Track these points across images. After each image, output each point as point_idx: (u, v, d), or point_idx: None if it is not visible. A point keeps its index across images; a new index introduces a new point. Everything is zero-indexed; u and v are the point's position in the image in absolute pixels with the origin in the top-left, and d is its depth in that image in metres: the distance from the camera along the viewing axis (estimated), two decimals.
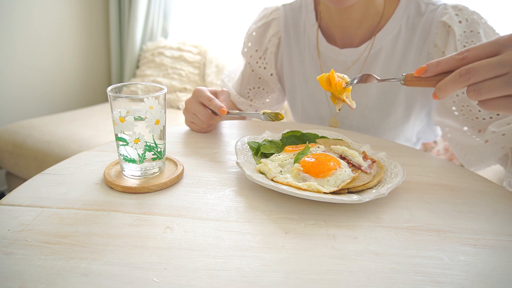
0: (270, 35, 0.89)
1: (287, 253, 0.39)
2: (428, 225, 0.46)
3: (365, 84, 0.81)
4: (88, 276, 0.34)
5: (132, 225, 0.42)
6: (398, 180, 0.51)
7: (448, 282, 0.36)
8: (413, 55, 0.76)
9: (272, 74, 0.93)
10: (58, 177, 0.52)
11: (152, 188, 0.50)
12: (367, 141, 0.75)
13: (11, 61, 1.91)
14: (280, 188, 0.47)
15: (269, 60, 0.91)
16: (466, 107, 0.69)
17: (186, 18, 2.33)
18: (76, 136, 1.61)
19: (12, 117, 1.95)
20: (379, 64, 0.79)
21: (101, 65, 2.47)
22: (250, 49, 0.93)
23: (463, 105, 0.70)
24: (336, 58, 0.82)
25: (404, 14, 0.76)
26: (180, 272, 0.35)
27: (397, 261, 0.39)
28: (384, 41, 0.77)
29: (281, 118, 0.64)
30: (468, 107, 0.69)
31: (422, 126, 0.88)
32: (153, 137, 0.51)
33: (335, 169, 0.51)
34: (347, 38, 0.81)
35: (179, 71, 2.12)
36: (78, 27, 2.24)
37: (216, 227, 0.43)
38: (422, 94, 0.79)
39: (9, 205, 0.44)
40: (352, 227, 0.44)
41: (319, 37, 0.83)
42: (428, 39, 0.74)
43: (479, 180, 0.60)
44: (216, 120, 0.71)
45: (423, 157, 0.69)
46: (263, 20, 0.90)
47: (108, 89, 0.49)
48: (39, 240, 0.38)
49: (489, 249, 0.42)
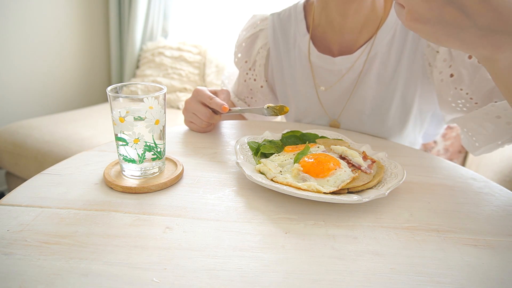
0: (258, 47, 0.87)
1: (287, 253, 0.39)
2: (428, 225, 0.46)
3: (362, 90, 0.79)
4: (87, 276, 0.34)
5: (131, 225, 0.42)
6: (398, 180, 0.51)
7: (448, 282, 0.36)
8: (408, 57, 0.74)
9: (262, 86, 0.91)
10: (58, 177, 0.52)
11: (152, 188, 0.50)
12: (367, 141, 0.75)
13: (11, 61, 1.91)
14: (280, 188, 0.47)
15: (258, 72, 0.90)
16: (463, 102, 0.68)
17: (186, 18, 2.33)
18: (76, 136, 1.61)
19: (12, 117, 1.95)
20: (374, 69, 0.77)
21: (101, 65, 2.47)
22: (240, 60, 0.91)
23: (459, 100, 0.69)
24: (329, 67, 0.80)
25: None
26: (180, 272, 0.35)
27: (397, 261, 0.39)
28: (380, 45, 0.76)
29: (286, 111, 0.63)
30: (463, 101, 0.68)
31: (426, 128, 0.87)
32: (153, 137, 0.51)
33: (335, 169, 0.51)
34: (345, 45, 0.78)
35: (179, 71, 2.12)
36: (78, 27, 2.24)
37: (216, 227, 0.43)
38: (419, 99, 0.78)
39: (9, 205, 0.44)
40: (352, 227, 0.44)
41: (310, 47, 0.81)
42: (421, 40, 0.73)
43: (479, 180, 0.60)
44: (216, 119, 0.71)
45: (423, 157, 0.69)
46: (251, 31, 0.88)
47: (108, 89, 0.49)
48: (39, 240, 0.38)
49: (489, 249, 0.42)
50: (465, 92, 0.66)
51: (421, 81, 0.76)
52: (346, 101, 0.82)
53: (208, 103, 0.69)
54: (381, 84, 0.78)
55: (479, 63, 0.63)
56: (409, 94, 0.77)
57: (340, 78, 0.80)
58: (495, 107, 0.60)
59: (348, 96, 0.81)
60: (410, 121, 0.81)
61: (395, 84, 0.77)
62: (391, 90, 0.78)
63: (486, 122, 0.63)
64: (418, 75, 0.75)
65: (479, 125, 0.65)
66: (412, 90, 0.77)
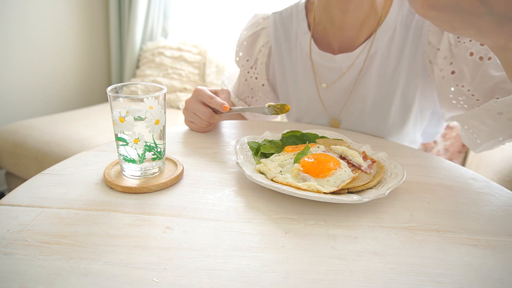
0: (260, 45, 0.88)
1: (287, 253, 0.39)
2: (428, 225, 0.46)
3: (363, 88, 0.80)
4: (87, 276, 0.34)
5: (132, 225, 0.42)
6: (398, 180, 0.51)
7: (448, 282, 0.36)
8: (408, 55, 0.75)
9: (263, 85, 0.91)
10: (58, 177, 0.52)
11: (152, 188, 0.50)
12: (367, 141, 0.75)
13: (10, 61, 1.91)
14: (280, 188, 0.47)
15: (259, 71, 0.90)
16: (464, 99, 0.68)
17: (186, 18, 2.33)
18: (76, 136, 1.61)
19: (12, 117, 1.95)
20: (374, 67, 0.77)
21: (101, 65, 2.47)
22: (241, 58, 0.91)
23: (460, 98, 0.69)
24: (330, 65, 0.80)
25: (398, 13, 0.75)
26: (180, 272, 0.35)
27: (397, 261, 0.39)
28: (380, 42, 0.76)
29: (287, 110, 0.63)
30: (465, 98, 0.68)
31: (426, 126, 0.87)
32: (153, 137, 0.51)
33: (335, 169, 0.51)
34: (346, 41, 0.78)
35: (179, 71, 2.12)
36: (78, 27, 2.24)
37: (216, 227, 0.43)
38: (420, 97, 0.78)
39: (9, 205, 0.44)
40: (352, 227, 0.44)
41: (312, 45, 0.81)
42: (421, 37, 0.73)
43: (479, 180, 0.60)
44: (216, 119, 0.71)
45: (423, 157, 0.69)
46: (253, 29, 0.89)
47: (108, 89, 0.49)
48: (39, 240, 0.38)
49: (489, 249, 0.42)
50: (467, 89, 0.66)
51: (421, 79, 0.76)
52: (346, 99, 0.82)
53: (209, 103, 0.69)
54: (381, 82, 0.78)
55: (480, 60, 0.63)
56: (410, 92, 0.78)
57: (341, 76, 0.80)
58: (497, 103, 0.60)
59: (349, 94, 0.81)
60: (411, 119, 0.81)
61: (396, 82, 0.77)
62: (391, 88, 0.78)
63: (487, 118, 0.63)
64: (418, 72, 0.75)
65: (480, 122, 0.65)
66: (413, 88, 0.77)
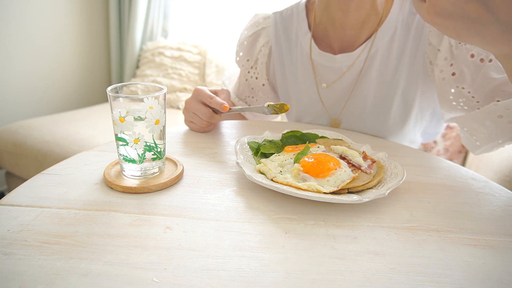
0: (260, 45, 0.88)
1: (287, 253, 0.39)
2: (428, 225, 0.46)
3: (363, 88, 0.80)
4: (87, 276, 0.34)
5: (132, 225, 0.42)
6: (398, 180, 0.51)
7: (448, 282, 0.36)
8: (408, 55, 0.75)
9: (264, 85, 0.91)
10: (58, 177, 0.52)
11: (152, 188, 0.50)
12: (367, 141, 0.75)
13: (10, 61, 1.91)
14: (280, 188, 0.47)
15: (260, 70, 0.90)
16: (464, 100, 0.68)
17: (186, 18, 2.33)
18: (76, 136, 1.61)
19: (12, 117, 1.95)
20: (375, 68, 0.77)
21: (101, 65, 2.47)
22: (242, 58, 0.91)
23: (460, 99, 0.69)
24: (330, 65, 0.80)
25: (399, 14, 0.75)
26: (180, 272, 0.35)
27: (397, 261, 0.39)
28: (381, 43, 0.76)
29: (286, 109, 0.63)
30: (465, 100, 0.68)
31: (426, 126, 0.87)
32: (153, 137, 0.51)
33: (335, 169, 0.51)
34: (347, 41, 0.78)
35: (179, 71, 2.12)
36: (78, 27, 2.24)
37: (216, 227, 0.43)
38: (420, 97, 0.78)
39: (9, 205, 0.44)
40: (352, 227, 0.44)
41: (312, 45, 0.81)
42: (422, 38, 0.73)
43: (479, 180, 0.60)
44: (216, 119, 0.71)
45: (423, 157, 0.69)
46: (253, 29, 0.89)
47: (108, 89, 0.49)
48: (39, 240, 0.38)
49: (489, 249, 0.42)
50: (467, 90, 0.66)
51: (422, 79, 0.76)
52: (346, 99, 0.82)
53: (209, 103, 0.69)
54: (382, 82, 0.78)
55: (481, 62, 0.63)
56: (410, 92, 0.78)
57: (341, 76, 0.80)
58: (497, 106, 0.60)
59: (349, 94, 0.81)
60: (411, 119, 0.81)
61: (396, 82, 0.77)
62: (392, 88, 0.78)
63: (487, 121, 0.63)
64: (419, 73, 0.75)
65: (480, 124, 0.65)
66: (413, 88, 0.77)
